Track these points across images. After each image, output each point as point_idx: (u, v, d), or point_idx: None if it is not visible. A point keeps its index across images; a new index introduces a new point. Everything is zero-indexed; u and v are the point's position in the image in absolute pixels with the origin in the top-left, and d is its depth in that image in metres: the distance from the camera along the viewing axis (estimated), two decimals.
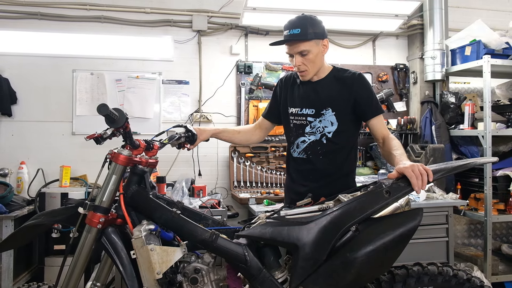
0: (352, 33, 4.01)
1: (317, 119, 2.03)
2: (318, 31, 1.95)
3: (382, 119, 2.04)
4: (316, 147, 2.03)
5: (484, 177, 3.33)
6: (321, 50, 2.01)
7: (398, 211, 1.58)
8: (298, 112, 2.08)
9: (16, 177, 3.37)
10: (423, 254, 2.88)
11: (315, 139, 2.03)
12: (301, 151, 2.07)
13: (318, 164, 2.03)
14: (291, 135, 2.12)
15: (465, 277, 1.72)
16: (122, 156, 1.63)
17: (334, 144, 2.02)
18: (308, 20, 1.96)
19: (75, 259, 1.61)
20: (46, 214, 1.78)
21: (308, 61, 1.97)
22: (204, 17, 3.74)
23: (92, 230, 1.59)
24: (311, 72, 2.02)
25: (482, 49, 3.45)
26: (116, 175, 1.62)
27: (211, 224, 1.80)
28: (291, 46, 1.97)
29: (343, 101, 2.01)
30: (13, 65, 3.47)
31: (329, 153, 2.02)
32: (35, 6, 3.50)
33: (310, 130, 2.05)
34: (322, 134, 2.02)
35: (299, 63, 1.98)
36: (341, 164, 2.05)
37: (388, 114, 4.07)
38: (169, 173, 3.60)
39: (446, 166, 1.62)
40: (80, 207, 1.59)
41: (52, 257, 3.06)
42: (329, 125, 2.01)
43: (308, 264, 1.46)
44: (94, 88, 3.58)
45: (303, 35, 1.91)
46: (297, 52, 1.95)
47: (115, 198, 1.65)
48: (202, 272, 1.61)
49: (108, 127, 1.61)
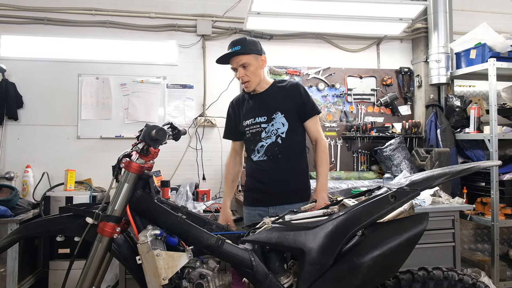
0: (356, 37, 4.01)
1: (270, 124, 2.28)
2: (256, 48, 2.28)
3: (317, 121, 2.35)
4: (274, 147, 2.27)
5: (491, 181, 3.30)
6: (260, 64, 2.30)
7: (401, 216, 1.57)
8: (252, 122, 2.33)
9: (21, 181, 3.39)
10: (429, 259, 2.85)
11: (272, 141, 2.27)
12: (262, 155, 2.30)
13: (278, 162, 2.26)
14: (250, 143, 2.35)
15: (470, 281, 1.70)
16: (135, 164, 1.61)
17: (288, 142, 2.26)
18: (247, 39, 2.30)
19: (86, 269, 1.58)
20: (46, 223, 1.72)
21: (250, 72, 2.25)
22: (208, 22, 3.75)
23: (103, 239, 1.57)
24: (253, 82, 2.29)
25: (487, 52, 3.43)
26: (129, 184, 1.61)
27: (215, 229, 1.80)
28: (234, 61, 2.26)
29: (288, 105, 2.29)
30: (20, 69, 3.49)
31: (286, 152, 2.27)
32: (41, 11, 3.53)
33: (265, 135, 2.29)
34: (276, 135, 2.27)
35: (242, 75, 2.26)
36: (297, 162, 2.30)
37: (392, 118, 4.05)
38: (173, 177, 3.60)
39: (451, 170, 1.61)
40: (88, 218, 1.57)
41: (57, 260, 3.07)
42: (281, 126, 2.27)
43: (314, 269, 1.45)
44: (99, 92, 3.60)
45: (243, 50, 2.22)
46: (239, 64, 2.24)
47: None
48: (208, 277, 1.60)
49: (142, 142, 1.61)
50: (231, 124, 2.48)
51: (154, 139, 1.60)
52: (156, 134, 1.58)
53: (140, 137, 1.63)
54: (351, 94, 3.96)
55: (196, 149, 3.71)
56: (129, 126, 3.62)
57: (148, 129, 1.60)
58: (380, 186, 1.70)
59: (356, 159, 3.92)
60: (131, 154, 1.63)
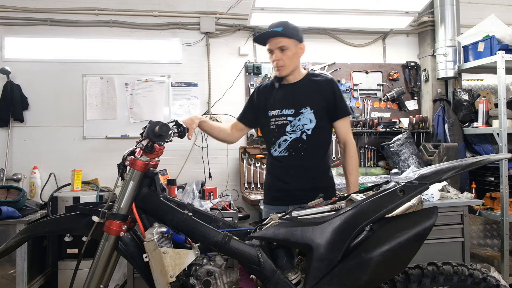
0: (361, 31, 3.97)
1: (296, 118, 2.17)
2: (297, 34, 2.16)
3: (348, 122, 2.24)
4: (297, 144, 2.16)
5: (500, 175, 3.26)
6: (299, 52, 2.19)
7: (410, 210, 1.55)
8: (279, 113, 2.21)
9: (29, 182, 3.41)
10: (438, 255, 2.81)
11: (296, 137, 2.17)
12: (283, 150, 2.19)
13: (300, 159, 2.16)
14: (272, 136, 2.23)
15: (480, 276, 1.68)
16: (141, 162, 1.60)
17: (313, 140, 2.16)
18: (289, 23, 2.16)
19: (93, 268, 1.57)
20: (52, 223, 1.72)
21: (286, 57, 2.14)
22: (212, 19, 3.74)
23: (110, 237, 1.56)
24: (288, 68, 2.17)
25: (495, 44, 3.38)
26: (134, 181, 1.59)
27: (222, 226, 1.78)
28: (273, 42, 2.14)
29: (319, 101, 2.18)
30: (24, 71, 3.50)
31: (309, 149, 2.16)
32: (44, 12, 3.53)
33: (290, 129, 2.18)
34: (302, 131, 2.16)
35: (278, 58, 2.14)
36: (319, 160, 2.21)
37: (399, 113, 4.02)
38: (180, 176, 3.60)
39: (460, 163, 1.59)
40: (94, 216, 1.56)
41: (65, 260, 3.08)
42: (308, 123, 2.16)
43: (322, 264, 1.44)
44: (104, 92, 3.60)
45: (284, 32, 2.11)
46: (277, 47, 2.13)
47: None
48: (215, 274, 1.59)
49: (146, 139, 1.62)
50: (252, 109, 2.34)
51: (158, 135, 1.59)
52: (159, 129, 1.58)
53: (144, 134, 1.63)
54: (357, 89, 3.92)
55: (202, 147, 3.70)
56: (134, 125, 3.61)
57: (151, 125, 1.60)
58: (388, 180, 1.68)
59: (363, 155, 3.89)
60: (135, 151, 1.62)
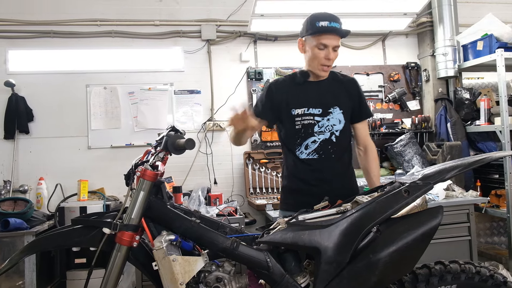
0: (361, 34, 3.99)
1: (325, 118, 2.03)
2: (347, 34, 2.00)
3: (367, 124, 2.19)
4: (327, 145, 2.03)
5: (505, 172, 3.26)
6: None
7: (414, 210, 1.56)
8: (305, 112, 2.04)
9: (35, 193, 3.43)
10: (446, 254, 2.79)
11: (325, 138, 2.03)
12: (312, 152, 2.03)
13: (331, 162, 2.03)
14: (298, 136, 2.05)
15: (488, 273, 1.68)
16: (151, 172, 1.60)
17: (342, 142, 2.05)
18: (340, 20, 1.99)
19: (106, 279, 1.57)
20: (60, 237, 1.67)
21: (335, 57, 1.99)
22: (212, 26, 3.77)
23: (122, 248, 1.56)
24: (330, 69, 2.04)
25: (494, 43, 3.40)
26: (145, 192, 1.59)
27: (229, 232, 1.78)
28: (333, 39, 1.95)
29: (346, 101, 2.06)
30: (29, 83, 3.54)
31: (338, 151, 2.05)
32: (47, 24, 3.57)
33: (318, 129, 2.03)
34: (331, 132, 2.03)
35: (332, 57, 1.97)
36: (348, 163, 2.11)
37: (401, 114, 4.03)
38: (185, 183, 3.61)
39: (463, 162, 1.60)
40: (105, 228, 1.56)
41: (74, 270, 3.09)
42: (337, 123, 2.04)
43: (331, 267, 1.45)
44: (107, 102, 3.64)
45: (343, 32, 1.95)
46: (334, 45, 1.95)
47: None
48: (224, 280, 1.60)
49: (163, 151, 1.62)
50: (272, 104, 2.08)
51: (180, 149, 1.57)
52: (186, 145, 1.54)
53: (161, 146, 1.61)
54: None
55: (206, 154, 3.72)
56: (138, 134, 3.64)
57: (171, 139, 1.57)
58: (392, 181, 1.69)
59: None
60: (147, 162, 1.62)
